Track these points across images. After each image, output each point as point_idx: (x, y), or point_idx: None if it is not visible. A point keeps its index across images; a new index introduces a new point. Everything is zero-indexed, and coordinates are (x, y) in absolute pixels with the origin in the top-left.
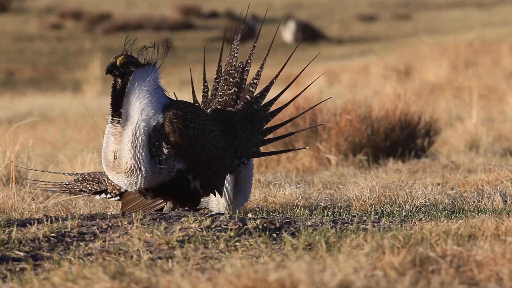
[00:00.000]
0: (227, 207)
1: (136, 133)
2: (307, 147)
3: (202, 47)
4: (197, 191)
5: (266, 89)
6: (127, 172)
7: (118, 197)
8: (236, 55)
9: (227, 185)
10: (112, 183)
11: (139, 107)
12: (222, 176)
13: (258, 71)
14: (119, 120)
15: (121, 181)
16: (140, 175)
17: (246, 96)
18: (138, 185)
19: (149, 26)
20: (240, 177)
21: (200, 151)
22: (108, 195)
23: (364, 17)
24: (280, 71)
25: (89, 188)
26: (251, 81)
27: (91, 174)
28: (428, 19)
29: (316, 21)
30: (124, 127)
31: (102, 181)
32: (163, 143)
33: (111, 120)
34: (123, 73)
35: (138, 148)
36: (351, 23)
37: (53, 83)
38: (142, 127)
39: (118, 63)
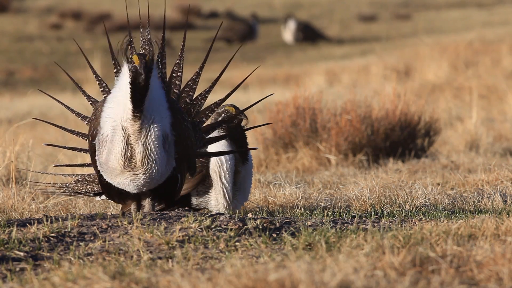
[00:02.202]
0: (226, 207)
1: (159, 129)
2: (257, 148)
3: (202, 47)
4: (180, 189)
5: (195, 82)
6: (148, 170)
7: None
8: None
9: (226, 184)
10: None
11: (158, 103)
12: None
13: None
14: (140, 117)
15: (136, 181)
16: (157, 173)
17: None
18: (152, 184)
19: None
20: (239, 177)
21: (190, 145)
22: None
23: (364, 17)
24: (221, 74)
25: (89, 189)
26: (192, 79)
27: (91, 175)
28: (428, 19)
29: (316, 21)
30: (144, 124)
31: None
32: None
33: (132, 118)
34: (150, 70)
35: (160, 144)
36: (351, 23)
37: (53, 83)
38: (162, 123)
39: (147, 61)
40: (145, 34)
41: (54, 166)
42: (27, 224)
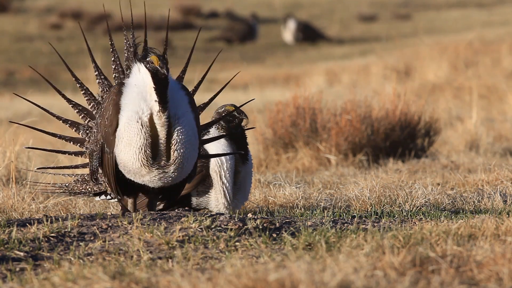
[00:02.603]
0: (227, 206)
1: (185, 123)
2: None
3: (202, 47)
4: (183, 188)
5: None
6: (178, 165)
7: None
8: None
9: (227, 184)
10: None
11: (178, 98)
12: None
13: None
14: (165, 113)
15: (163, 176)
16: (183, 168)
17: None
18: (176, 179)
19: (149, 26)
20: (239, 177)
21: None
22: (108, 196)
23: (364, 17)
24: (205, 74)
25: (89, 189)
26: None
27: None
28: (428, 19)
29: (316, 21)
30: (169, 119)
31: (102, 182)
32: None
33: (158, 113)
34: (168, 69)
35: (188, 138)
36: (351, 23)
37: (53, 83)
38: (186, 117)
39: (166, 60)
40: (129, 37)
41: (37, 168)
42: (27, 224)
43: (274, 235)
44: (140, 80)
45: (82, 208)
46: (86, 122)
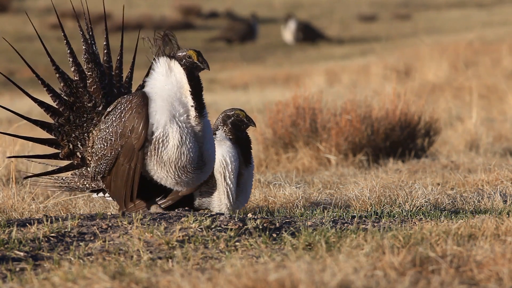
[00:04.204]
0: (229, 207)
1: (208, 124)
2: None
3: (202, 47)
4: None
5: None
6: (209, 168)
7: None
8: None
9: (231, 185)
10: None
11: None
12: None
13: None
14: (203, 117)
15: (195, 180)
16: (210, 171)
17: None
18: (201, 181)
19: (149, 26)
20: (242, 179)
21: None
22: (106, 194)
23: (364, 17)
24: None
25: (87, 185)
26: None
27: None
28: (428, 19)
29: (316, 21)
30: (204, 121)
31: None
32: None
33: (195, 118)
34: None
35: (212, 140)
36: (351, 23)
37: (53, 83)
38: (207, 117)
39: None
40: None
41: (7, 157)
42: (27, 224)
43: (274, 235)
44: (175, 81)
45: (82, 208)
46: (55, 120)
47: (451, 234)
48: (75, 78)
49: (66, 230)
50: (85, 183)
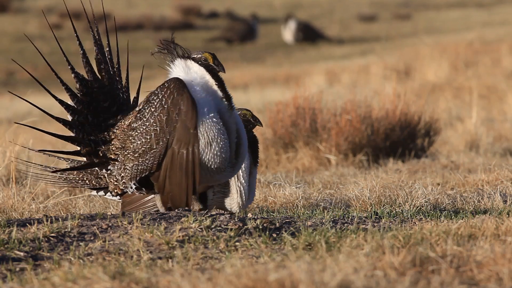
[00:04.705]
0: (241, 206)
1: (239, 119)
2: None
3: (202, 47)
4: None
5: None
6: (241, 162)
7: (118, 197)
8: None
9: (244, 184)
10: (119, 182)
11: None
12: None
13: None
14: (233, 108)
15: (228, 175)
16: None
17: None
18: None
19: (149, 26)
20: (251, 178)
21: None
22: (108, 194)
23: (364, 17)
24: None
25: (87, 181)
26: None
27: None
28: (428, 19)
29: (316, 21)
30: (235, 114)
31: (102, 176)
32: None
33: (228, 110)
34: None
35: (244, 133)
36: (351, 23)
37: (54, 83)
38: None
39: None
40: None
41: (38, 151)
42: (27, 224)
43: (274, 235)
44: (197, 76)
45: (82, 208)
46: (75, 119)
47: (451, 234)
48: (89, 78)
49: (66, 230)
50: (85, 178)
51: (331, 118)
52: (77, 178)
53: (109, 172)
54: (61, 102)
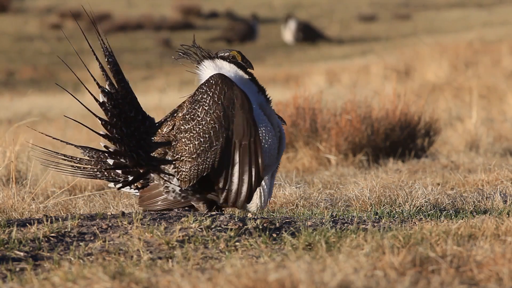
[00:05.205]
0: (259, 208)
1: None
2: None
3: (202, 47)
4: None
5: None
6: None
7: (136, 190)
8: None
9: (265, 186)
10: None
11: None
12: None
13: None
14: (268, 100)
15: (272, 170)
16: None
17: None
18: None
19: (149, 26)
20: (272, 179)
21: None
22: (127, 187)
23: (364, 17)
24: None
25: (106, 173)
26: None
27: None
28: (428, 19)
29: (316, 21)
30: (271, 108)
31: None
32: None
33: (266, 104)
34: None
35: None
36: (351, 23)
37: (53, 83)
38: None
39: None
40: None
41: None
42: (27, 224)
43: (274, 235)
44: (231, 73)
45: (82, 208)
46: (113, 132)
47: (451, 234)
48: (112, 90)
49: (66, 230)
50: (103, 170)
51: (331, 118)
52: (95, 170)
53: (166, 179)
54: (100, 118)
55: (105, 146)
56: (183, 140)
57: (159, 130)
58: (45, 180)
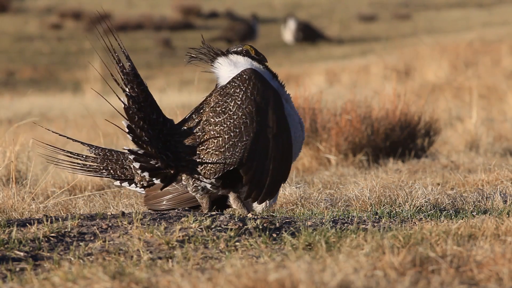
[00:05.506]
0: (264, 208)
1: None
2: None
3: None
4: None
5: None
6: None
7: (142, 189)
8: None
9: None
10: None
11: None
12: None
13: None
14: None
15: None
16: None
17: None
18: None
19: (149, 26)
20: None
21: None
22: (132, 185)
23: (364, 17)
24: None
25: (111, 171)
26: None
27: (113, 152)
28: (428, 19)
29: (316, 21)
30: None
31: (127, 167)
32: None
33: (286, 94)
34: None
35: None
36: (351, 23)
37: (53, 83)
38: None
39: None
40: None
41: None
42: (27, 224)
43: (274, 235)
44: (248, 65)
45: (82, 208)
46: (143, 135)
47: (451, 234)
48: (135, 94)
49: (66, 230)
50: (109, 168)
51: (331, 118)
52: (101, 167)
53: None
54: (126, 121)
55: (129, 150)
56: (212, 132)
57: (184, 129)
58: (45, 180)
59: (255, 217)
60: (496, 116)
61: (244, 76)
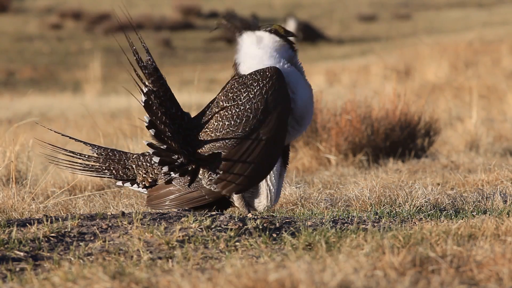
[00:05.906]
0: (265, 208)
1: None
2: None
3: (202, 47)
4: None
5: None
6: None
7: (145, 189)
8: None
9: (271, 187)
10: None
11: None
12: None
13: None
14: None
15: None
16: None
17: None
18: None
19: (149, 26)
20: (280, 179)
21: None
22: (134, 186)
23: (364, 17)
24: None
25: (114, 171)
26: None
27: (115, 152)
28: (428, 19)
29: (316, 21)
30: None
31: (129, 167)
32: None
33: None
34: None
35: None
36: (351, 23)
37: (53, 83)
38: None
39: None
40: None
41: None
42: (27, 224)
43: (274, 235)
44: (271, 41)
45: (82, 208)
46: (166, 130)
47: (451, 234)
48: (155, 88)
49: (66, 230)
50: (111, 168)
51: (331, 118)
52: (103, 167)
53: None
54: (147, 116)
55: (148, 144)
56: (216, 115)
57: (202, 124)
58: (45, 180)
59: (255, 217)
60: (496, 116)
61: (267, 73)
